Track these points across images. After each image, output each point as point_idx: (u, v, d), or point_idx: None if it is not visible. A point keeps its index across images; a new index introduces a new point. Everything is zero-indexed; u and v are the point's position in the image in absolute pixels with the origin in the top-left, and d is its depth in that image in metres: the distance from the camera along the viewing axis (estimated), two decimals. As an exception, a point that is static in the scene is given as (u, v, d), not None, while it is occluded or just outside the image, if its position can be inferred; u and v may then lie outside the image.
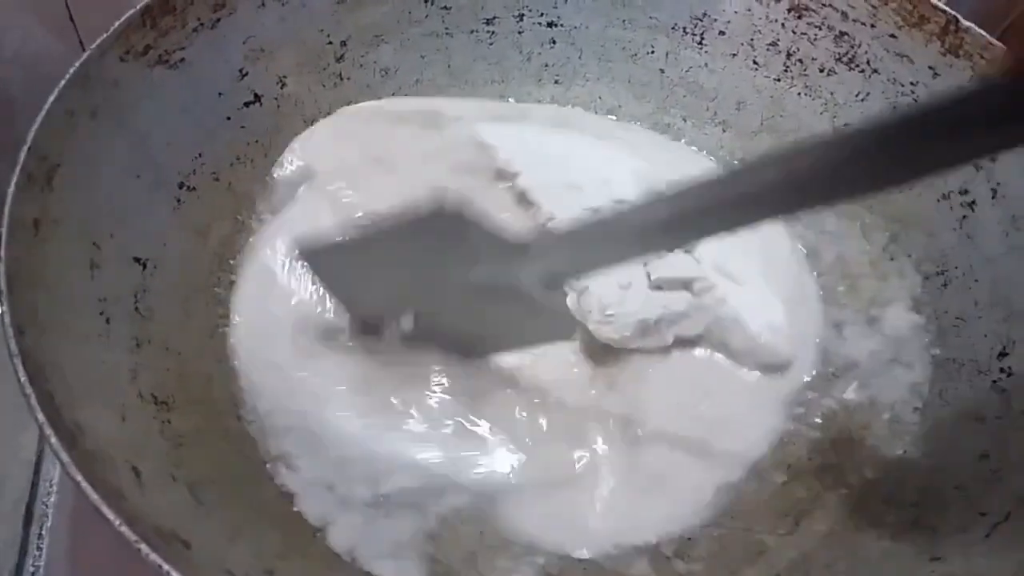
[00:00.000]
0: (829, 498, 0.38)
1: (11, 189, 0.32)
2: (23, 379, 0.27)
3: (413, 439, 0.37)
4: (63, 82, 0.36)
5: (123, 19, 0.39)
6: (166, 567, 0.24)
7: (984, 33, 0.43)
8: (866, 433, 0.40)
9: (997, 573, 0.30)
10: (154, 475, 0.30)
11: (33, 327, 0.29)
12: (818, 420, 0.41)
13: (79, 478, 0.25)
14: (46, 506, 0.42)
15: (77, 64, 0.37)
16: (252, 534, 0.32)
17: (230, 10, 0.43)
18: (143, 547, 0.24)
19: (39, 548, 0.41)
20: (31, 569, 0.40)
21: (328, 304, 0.40)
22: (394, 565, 0.34)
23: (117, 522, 0.24)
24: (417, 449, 0.37)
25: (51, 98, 0.35)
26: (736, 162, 0.51)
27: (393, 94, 0.51)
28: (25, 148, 0.33)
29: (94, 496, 0.25)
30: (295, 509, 0.35)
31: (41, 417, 0.26)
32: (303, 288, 0.41)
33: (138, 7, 0.40)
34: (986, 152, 0.29)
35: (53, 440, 0.26)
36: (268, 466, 0.36)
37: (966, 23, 0.43)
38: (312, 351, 0.39)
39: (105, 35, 0.38)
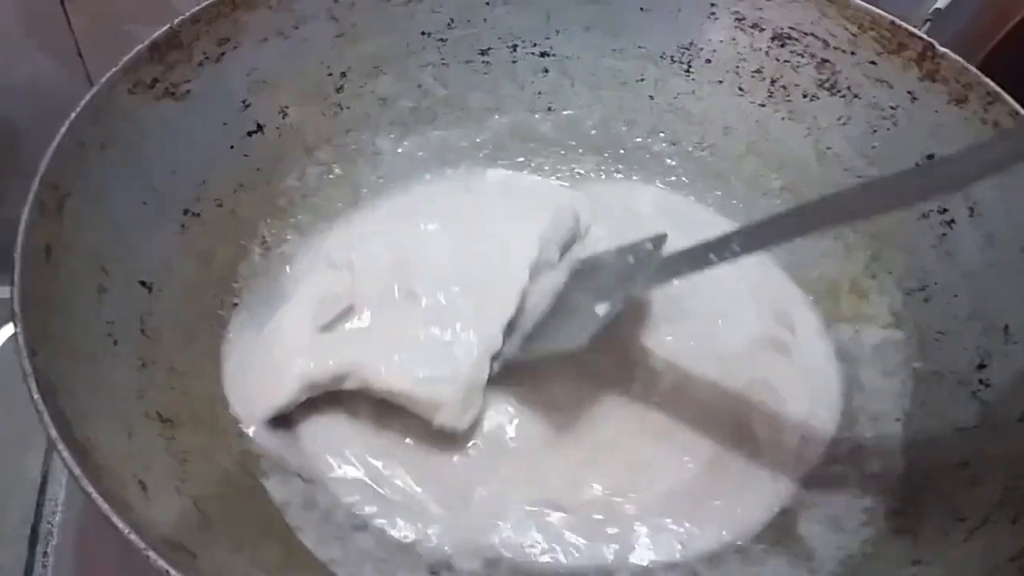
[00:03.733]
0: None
1: (24, 217, 0.33)
2: (36, 396, 0.28)
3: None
4: (74, 114, 0.38)
5: (132, 54, 0.41)
6: (174, 573, 0.25)
7: (960, 59, 0.45)
8: (850, 444, 0.41)
9: (974, 574, 0.31)
10: (160, 489, 0.31)
11: (45, 348, 0.31)
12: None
13: (90, 490, 0.26)
14: (51, 526, 0.43)
15: (88, 97, 0.38)
16: (254, 546, 0.33)
17: (234, 44, 0.45)
18: (151, 554, 0.25)
19: (44, 566, 0.42)
20: (37, 587, 0.41)
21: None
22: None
23: (126, 530, 0.26)
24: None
25: (62, 130, 0.37)
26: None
27: (391, 122, 0.53)
28: (37, 178, 0.35)
29: (104, 506, 0.26)
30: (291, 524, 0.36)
31: (54, 433, 0.27)
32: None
33: (146, 42, 0.41)
34: None
35: (65, 454, 0.27)
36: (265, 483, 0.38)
37: (942, 49, 0.45)
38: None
39: (114, 69, 0.40)
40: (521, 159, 0.54)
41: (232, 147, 0.46)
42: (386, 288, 0.42)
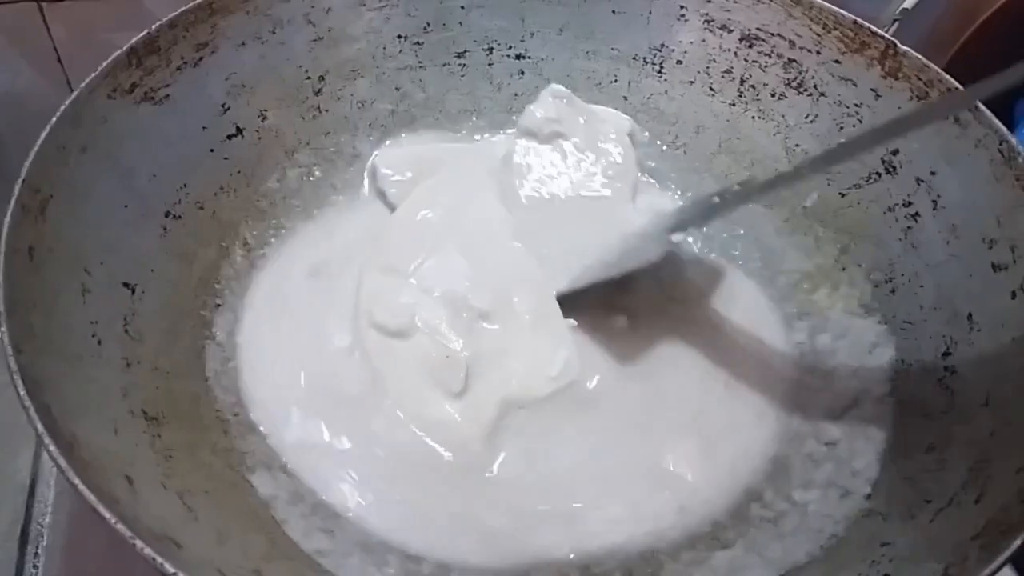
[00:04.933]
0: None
1: (7, 219, 0.34)
2: (22, 393, 0.29)
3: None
4: (54, 119, 0.38)
5: (110, 59, 0.41)
6: (160, 560, 0.26)
7: (920, 56, 0.46)
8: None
9: (939, 553, 0.32)
10: (146, 484, 0.32)
11: (30, 347, 0.31)
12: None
13: (76, 481, 0.27)
14: (41, 527, 0.43)
15: (67, 102, 0.39)
16: (240, 538, 0.33)
17: (212, 49, 0.46)
18: (138, 542, 0.26)
19: (35, 567, 0.42)
20: (27, 587, 0.42)
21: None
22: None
23: (113, 520, 0.26)
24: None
25: (43, 134, 0.37)
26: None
27: (370, 125, 0.53)
28: (20, 181, 0.35)
29: (91, 498, 0.26)
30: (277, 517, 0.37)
31: (40, 427, 0.28)
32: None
33: (124, 47, 0.42)
34: None
35: (52, 449, 0.27)
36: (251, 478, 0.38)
37: (903, 47, 0.46)
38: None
39: (93, 74, 0.40)
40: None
41: (212, 150, 0.47)
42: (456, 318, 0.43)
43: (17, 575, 0.42)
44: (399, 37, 0.53)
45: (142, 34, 0.43)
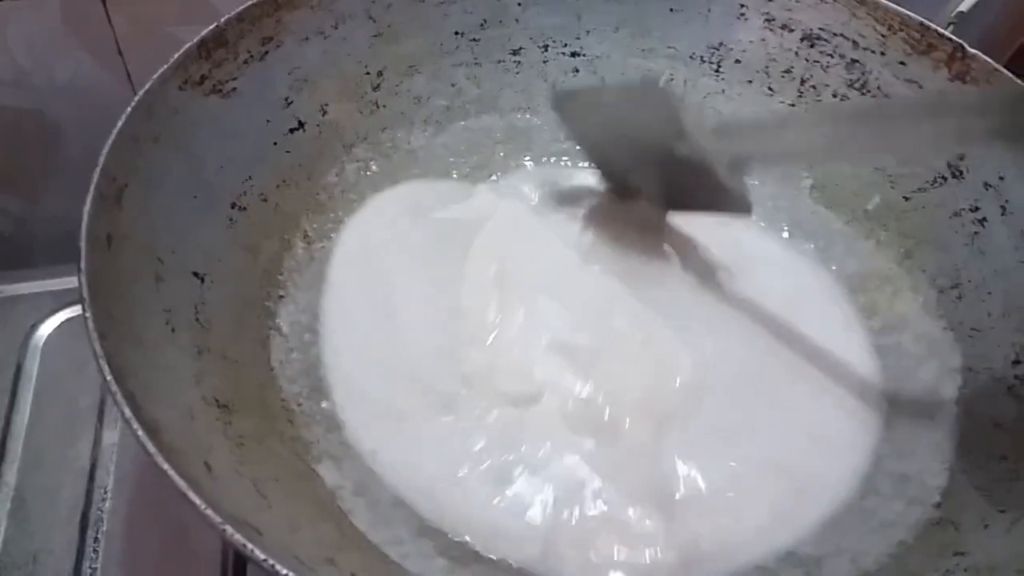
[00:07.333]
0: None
1: (87, 207, 0.34)
2: (108, 377, 0.29)
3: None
4: (129, 108, 0.38)
5: (181, 50, 0.42)
6: (250, 546, 0.26)
7: (990, 60, 0.45)
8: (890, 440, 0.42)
9: (1018, 562, 0.32)
10: (223, 470, 0.32)
11: (111, 332, 0.31)
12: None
13: (166, 466, 0.27)
14: (101, 512, 0.44)
15: (141, 92, 0.39)
16: (311, 527, 0.34)
17: (277, 43, 0.46)
18: (228, 528, 0.26)
19: (95, 551, 0.42)
20: (88, 572, 0.42)
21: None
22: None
23: (203, 506, 0.26)
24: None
25: (119, 123, 0.38)
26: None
27: (425, 120, 0.54)
28: (97, 169, 0.36)
29: (181, 483, 0.27)
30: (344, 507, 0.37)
31: (128, 412, 0.28)
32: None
33: (195, 39, 0.42)
34: None
35: (140, 433, 0.28)
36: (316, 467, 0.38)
37: (972, 50, 0.46)
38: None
39: (165, 65, 0.41)
40: (553, 158, 0.55)
41: (275, 144, 0.47)
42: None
43: (77, 560, 0.42)
44: (456, 34, 0.53)
45: (211, 27, 0.43)
